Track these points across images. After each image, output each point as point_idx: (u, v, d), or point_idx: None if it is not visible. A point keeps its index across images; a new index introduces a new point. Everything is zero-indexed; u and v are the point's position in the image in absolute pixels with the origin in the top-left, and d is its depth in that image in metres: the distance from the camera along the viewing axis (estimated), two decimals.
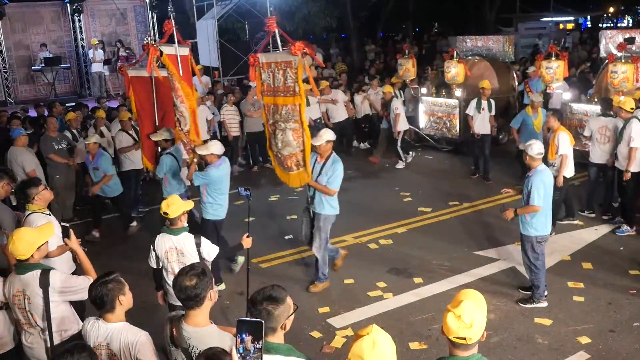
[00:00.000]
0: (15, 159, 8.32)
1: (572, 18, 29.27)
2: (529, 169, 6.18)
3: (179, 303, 5.03)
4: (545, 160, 6.59)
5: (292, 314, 2.95)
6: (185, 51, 7.20)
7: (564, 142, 7.76)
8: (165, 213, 4.83)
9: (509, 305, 6.24)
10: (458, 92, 12.71)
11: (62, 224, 4.62)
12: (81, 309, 4.43)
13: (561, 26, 27.54)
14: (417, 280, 6.89)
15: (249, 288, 5.74)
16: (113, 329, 3.41)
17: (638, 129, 7.77)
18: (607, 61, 10.45)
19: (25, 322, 4.07)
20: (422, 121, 13.59)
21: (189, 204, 5.05)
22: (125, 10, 19.31)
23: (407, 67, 13.87)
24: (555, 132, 7.83)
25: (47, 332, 4.06)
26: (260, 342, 2.53)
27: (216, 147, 6.72)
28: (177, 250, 4.89)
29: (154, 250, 4.96)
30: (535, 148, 6.07)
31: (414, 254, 7.64)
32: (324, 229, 6.65)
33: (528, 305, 6.17)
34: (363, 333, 2.56)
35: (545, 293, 6.22)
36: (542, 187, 5.95)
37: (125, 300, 3.46)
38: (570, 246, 7.66)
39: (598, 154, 8.52)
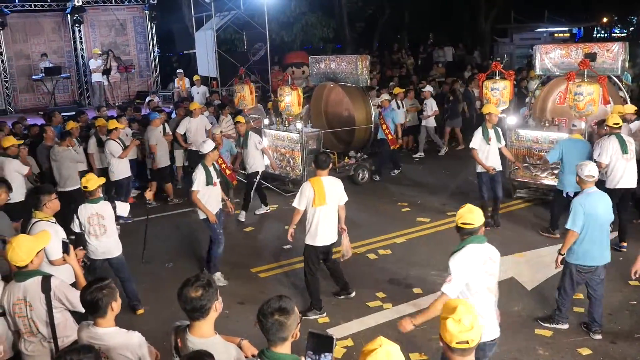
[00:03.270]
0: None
1: (566, 28, 29.51)
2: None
3: (97, 257, 6.17)
4: None
5: (299, 323, 3.00)
6: None
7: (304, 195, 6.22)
8: (86, 187, 6.06)
9: (509, 316, 6.24)
10: (299, 125, 10.87)
11: (63, 239, 4.66)
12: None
13: (556, 35, 27.77)
14: (417, 290, 6.93)
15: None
16: (105, 333, 3.48)
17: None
18: (545, 79, 9.98)
19: (26, 330, 4.07)
20: (267, 158, 11.04)
21: (102, 179, 6.25)
22: (125, 21, 19.42)
23: (243, 95, 11.77)
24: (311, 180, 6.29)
25: (49, 339, 4.08)
26: (329, 356, 2.62)
27: None
28: (98, 215, 6.11)
29: (77, 218, 6.12)
30: (585, 169, 5.62)
31: (413, 264, 7.68)
32: None
33: (547, 325, 5.99)
34: (375, 346, 2.57)
35: (566, 315, 5.99)
36: (580, 210, 5.51)
37: (116, 305, 3.55)
38: None
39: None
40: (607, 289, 6.68)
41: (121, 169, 9.56)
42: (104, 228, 6.14)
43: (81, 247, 5.85)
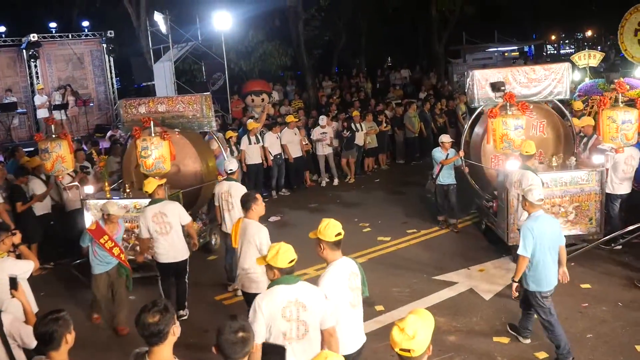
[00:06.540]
0: None
1: (515, 47, 30.62)
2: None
3: None
4: None
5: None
6: None
7: None
8: None
9: (469, 326, 6.47)
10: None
11: (10, 275, 4.60)
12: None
13: (506, 55, 28.78)
14: (379, 308, 7.04)
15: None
16: None
17: None
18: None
19: None
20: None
21: None
22: (82, 55, 19.38)
23: (60, 155, 8.35)
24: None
25: None
26: None
27: None
28: None
29: None
30: (535, 193, 5.52)
31: (374, 282, 7.73)
32: None
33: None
34: (320, 359, 2.75)
35: (569, 349, 5.57)
36: (529, 235, 5.41)
37: (71, 338, 3.51)
38: None
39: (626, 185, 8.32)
40: (560, 293, 6.75)
41: (45, 204, 9.50)
42: None
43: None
